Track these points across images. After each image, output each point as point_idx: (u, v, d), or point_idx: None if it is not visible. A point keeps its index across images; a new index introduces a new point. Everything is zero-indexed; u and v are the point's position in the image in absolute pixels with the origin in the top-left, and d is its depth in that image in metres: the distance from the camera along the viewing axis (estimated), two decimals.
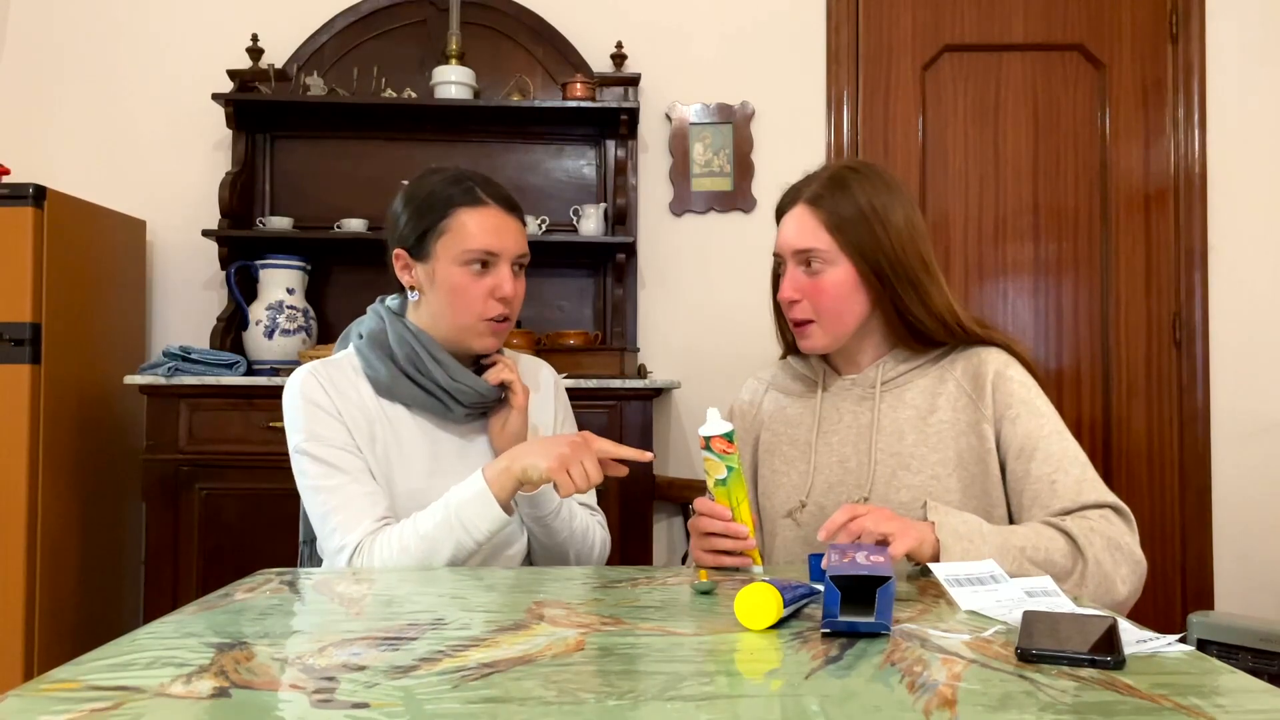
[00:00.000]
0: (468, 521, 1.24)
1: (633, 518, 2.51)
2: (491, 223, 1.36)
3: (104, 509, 2.67)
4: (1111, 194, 2.97)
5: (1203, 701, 0.67)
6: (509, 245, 1.37)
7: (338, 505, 1.30)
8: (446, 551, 1.25)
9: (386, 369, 1.38)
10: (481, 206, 1.36)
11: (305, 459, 1.33)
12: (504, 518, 1.25)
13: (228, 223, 2.76)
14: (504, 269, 1.36)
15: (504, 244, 1.36)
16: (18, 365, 2.36)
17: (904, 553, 1.06)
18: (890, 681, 0.72)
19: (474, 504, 1.24)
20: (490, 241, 1.35)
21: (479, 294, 1.35)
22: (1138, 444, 2.95)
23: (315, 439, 1.33)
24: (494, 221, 1.36)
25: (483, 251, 1.35)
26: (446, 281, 1.35)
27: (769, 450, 1.44)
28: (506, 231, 1.37)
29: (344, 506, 1.29)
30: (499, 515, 1.24)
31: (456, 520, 1.24)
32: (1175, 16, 2.97)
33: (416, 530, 1.26)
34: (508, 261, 1.37)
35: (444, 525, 1.25)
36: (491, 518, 1.24)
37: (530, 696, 0.68)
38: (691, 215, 3.00)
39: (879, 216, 1.31)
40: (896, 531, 1.07)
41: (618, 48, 2.90)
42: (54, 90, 2.97)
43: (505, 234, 1.37)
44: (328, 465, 1.32)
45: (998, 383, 1.31)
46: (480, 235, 1.35)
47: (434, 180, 1.40)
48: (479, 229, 1.35)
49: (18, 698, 0.68)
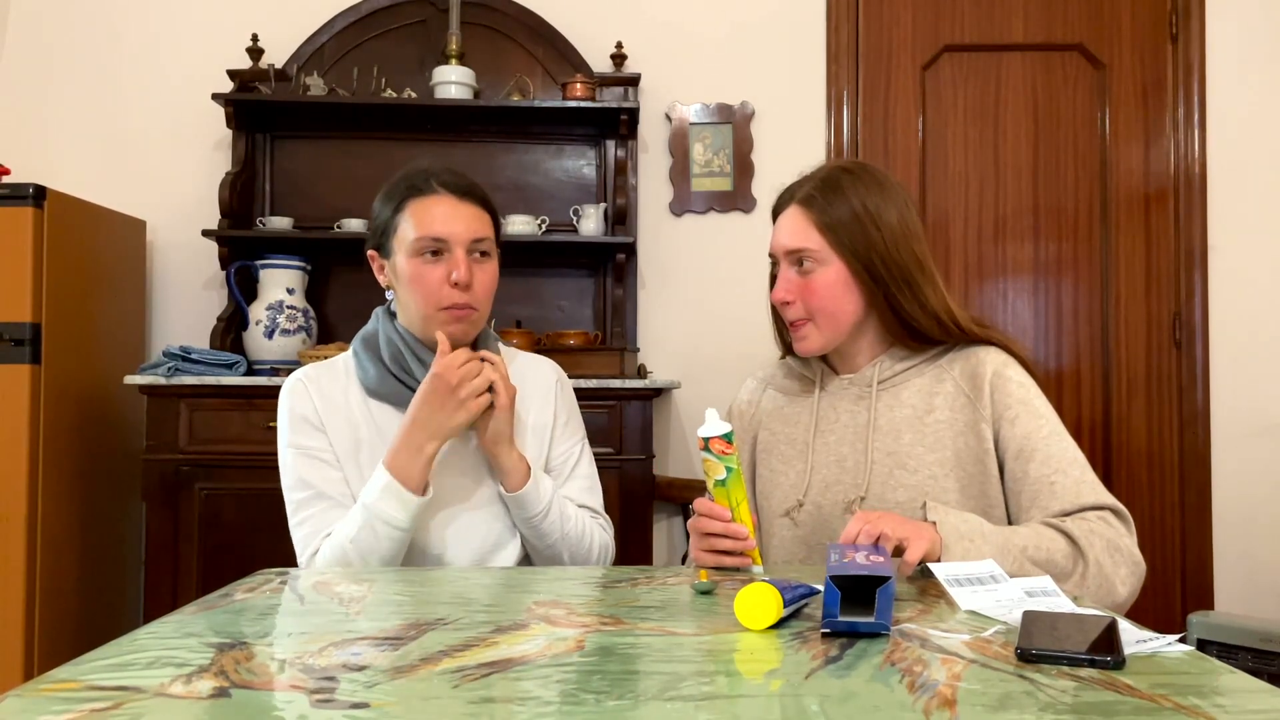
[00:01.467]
0: (386, 516, 1.29)
1: (633, 518, 2.51)
2: (440, 210, 1.36)
3: (104, 509, 2.67)
4: (1111, 194, 2.97)
5: (1203, 701, 0.67)
6: (458, 230, 1.36)
7: (302, 519, 1.36)
8: (380, 548, 1.30)
9: (375, 369, 1.41)
10: (429, 195, 1.37)
11: (284, 465, 1.40)
12: (419, 500, 1.30)
13: (228, 223, 2.76)
14: (457, 254, 1.36)
15: (452, 229, 1.36)
16: (18, 365, 2.36)
17: (918, 560, 1.06)
18: (890, 681, 0.72)
19: (385, 499, 1.29)
20: (436, 229, 1.35)
21: (434, 282, 1.35)
22: (1138, 444, 2.95)
23: (295, 448, 1.38)
24: (443, 209, 1.36)
25: (430, 239, 1.35)
26: (405, 274, 1.37)
27: (767, 450, 1.44)
28: (456, 218, 1.36)
29: (306, 521, 1.36)
30: (413, 500, 1.29)
31: (376, 519, 1.29)
32: (1175, 16, 2.97)
33: (346, 538, 1.30)
34: (461, 246, 1.36)
35: (367, 528, 1.29)
36: (405, 504, 1.29)
37: (530, 696, 0.68)
38: (691, 215, 3.00)
39: (872, 216, 1.31)
40: (911, 536, 1.07)
41: (618, 48, 2.90)
42: (54, 90, 2.98)
43: (454, 220, 1.36)
44: (299, 478, 1.37)
45: (996, 383, 1.31)
46: (425, 223, 1.36)
47: (394, 179, 1.42)
48: (425, 217, 1.36)
49: (18, 698, 0.68)
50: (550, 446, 1.49)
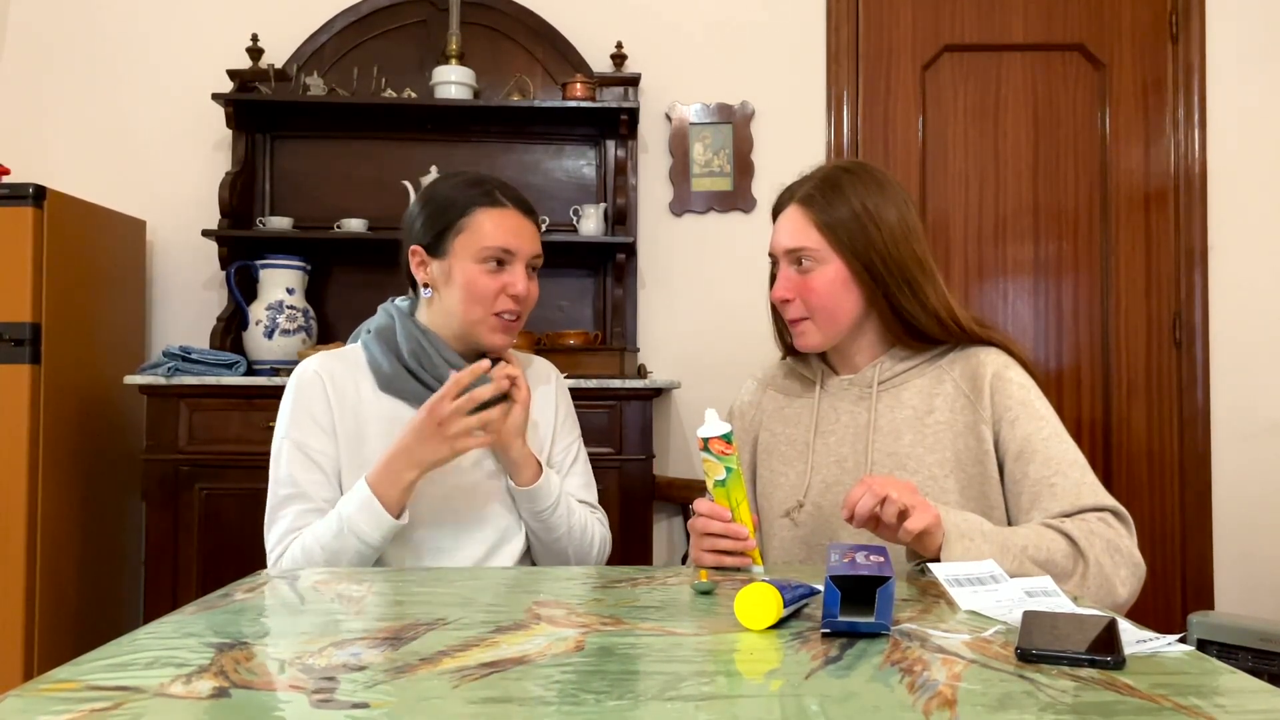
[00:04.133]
0: (360, 531, 1.31)
1: (633, 518, 2.51)
2: (509, 224, 1.41)
3: (104, 509, 2.67)
4: (1111, 194, 2.97)
5: (1203, 701, 0.67)
6: (524, 246, 1.41)
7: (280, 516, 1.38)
8: (348, 558, 1.31)
9: (390, 363, 1.42)
10: (500, 208, 1.41)
11: (277, 455, 1.40)
12: (393, 522, 1.31)
13: (228, 223, 2.76)
14: (518, 268, 1.41)
15: (520, 244, 1.41)
16: (18, 365, 2.36)
17: (919, 529, 1.06)
18: (890, 681, 0.72)
19: (362, 514, 1.31)
20: (508, 240, 1.39)
21: (493, 291, 1.39)
22: (1138, 444, 2.95)
23: (293, 443, 1.39)
24: (512, 223, 1.41)
25: (500, 249, 1.39)
26: (462, 278, 1.39)
27: (767, 450, 1.45)
28: (523, 233, 1.42)
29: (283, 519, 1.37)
30: (388, 521, 1.31)
31: (349, 531, 1.31)
32: (1175, 16, 2.97)
33: (318, 541, 1.32)
34: (522, 261, 1.41)
35: (340, 536, 1.31)
36: (380, 524, 1.31)
37: (530, 696, 0.68)
38: (691, 215, 3.00)
39: (871, 216, 1.31)
40: (918, 506, 1.07)
41: (618, 48, 2.90)
42: (54, 90, 2.98)
43: (522, 235, 1.41)
44: (289, 474, 1.39)
45: (996, 384, 1.31)
46: (497, 234, 1.39)
47: (454, 181, 1.46)
48: (496, 228, 1.39)
49: (18, 698, 0.68)
50: (552, 443, 1.52)
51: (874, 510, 1.08)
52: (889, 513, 1.07)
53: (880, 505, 1.08)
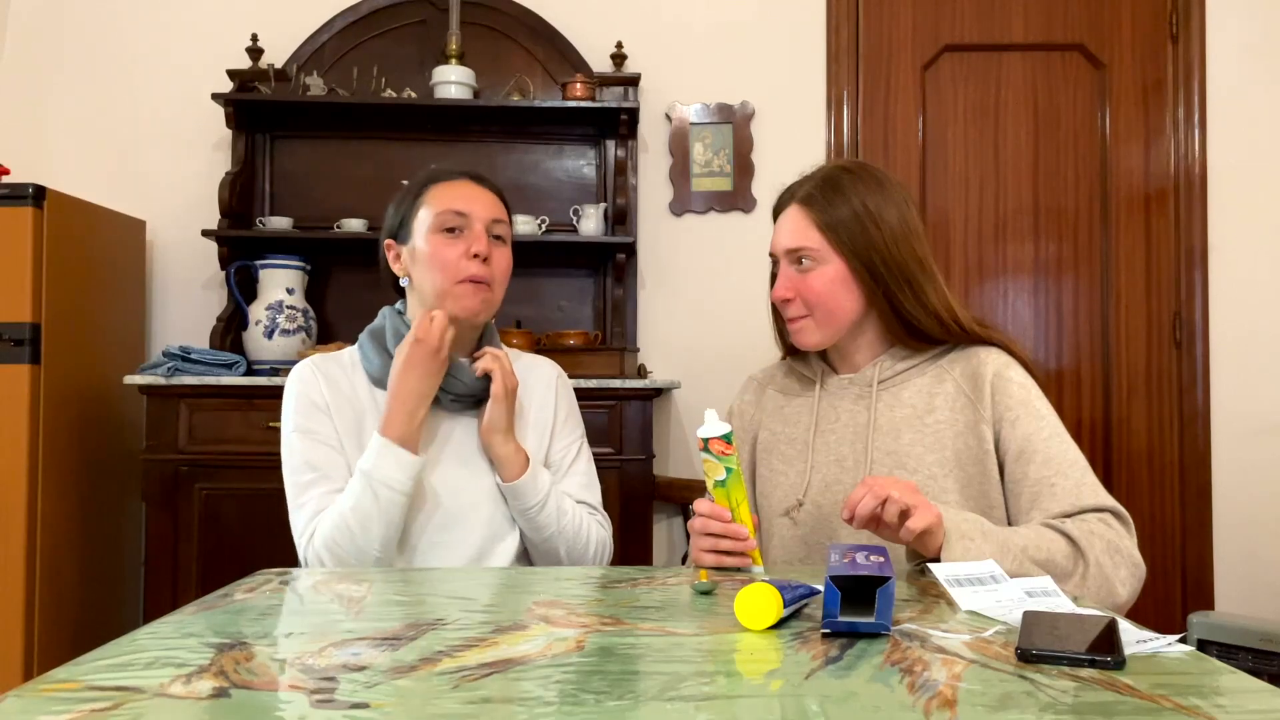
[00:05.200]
0: (387, 479, 1.31)
1: (633, 518, 2.51)
2: (460, 190, 1.44)
3: (104, 509, 2.67)
4: (1111, 194, 2.97)
5: (1203, 701, 0.67)
6: (477, 209, 1.43)
7: (305, 501, 1.38)
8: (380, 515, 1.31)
9: (380, 359, 1.44)
10: (450, 180, 1.45)
11: (289, 449, 1.41)
12: (416, 460, 1.33)
13: (227, 223, 2.76)
14: (477, 228, 1.42)
15: (472, 206, 1.43)
16: (18, 365, 2.36)
17: (921, 528, 1.06)
18: (890, 681, 0.72)
19: (385, 461, 1.32)
20: (457, 203, 1.42)
21: (454, 255, 1.40)
22: (1138, 444, 2.95)
23: (301, 432, 1.40)
24: (463, 190, 1.44)
25: (452, 212, 1.41)
26: (424, 252, 1.42)
27: (767, 449, 1.45)
28: (476, 198, 1.44)
29: (310, 503, 1.37)
30: (410, 460, 1.33)
31: (378, 481, 1.31)
32: (1175, 16, 2.97)
33: (346, 507, 1.32)
34: (480, 223, 1.42)
35: (366, 493, 1.31)
36: (405, 465, 1.32)
37: (530, 696, 0.68)
38: (691, 215, 3.00)
39: (872, 215, 1.32)
40: (919, 505, 1.07)
41: (618, 48, 2.90)
42: (54, 90, 2.97)
43: (474, 199, 1.44)
44: (305, 461, 1.39)
45: (997, 384, 1.31)
46: (447, 199, 1.42)
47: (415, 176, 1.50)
48: (446, 196, 1.43)
49: (17, 698, 0.68)
50: (550, 442, 1.51)
51: (875, 511, 1.08)
52: (891, 512, 1.07)
53: (881, 506, 1.08)
